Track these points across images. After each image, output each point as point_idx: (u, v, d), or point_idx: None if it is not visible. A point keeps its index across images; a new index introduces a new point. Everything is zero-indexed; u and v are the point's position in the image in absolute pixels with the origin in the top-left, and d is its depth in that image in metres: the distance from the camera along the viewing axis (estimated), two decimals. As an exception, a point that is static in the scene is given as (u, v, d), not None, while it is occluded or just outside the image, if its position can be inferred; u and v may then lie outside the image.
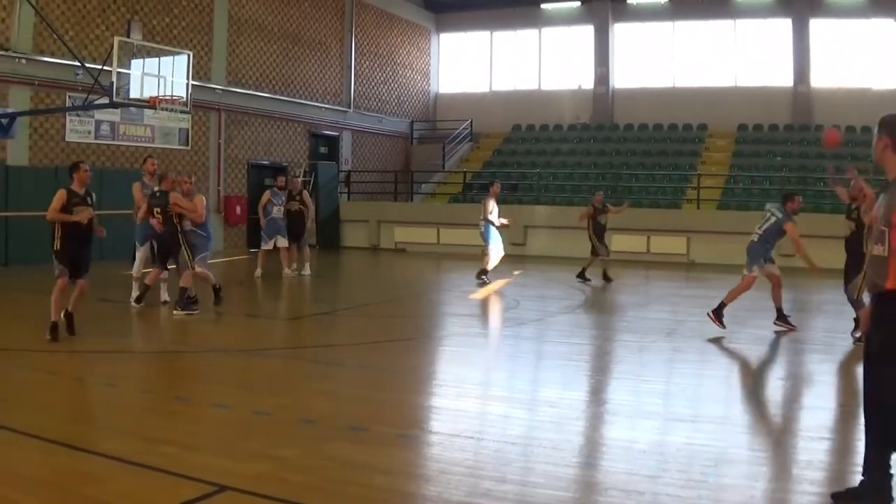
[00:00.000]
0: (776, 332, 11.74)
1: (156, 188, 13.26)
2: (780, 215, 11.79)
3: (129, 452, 5.93)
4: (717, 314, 11.73)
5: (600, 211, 18.68)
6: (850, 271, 10.87)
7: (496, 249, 17.71)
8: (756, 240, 11.92)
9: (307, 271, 18.75)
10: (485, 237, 17.63)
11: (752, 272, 11.88)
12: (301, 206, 18.67)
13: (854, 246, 10.42)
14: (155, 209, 12.86)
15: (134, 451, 5.96)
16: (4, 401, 7.56)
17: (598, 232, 18.58)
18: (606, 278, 18.31)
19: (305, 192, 19.41)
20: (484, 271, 17.65)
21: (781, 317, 12.02)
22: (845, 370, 9.73)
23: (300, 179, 21.89)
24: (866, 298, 5.97)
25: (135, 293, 13.43)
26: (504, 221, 17.78)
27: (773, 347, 11.18)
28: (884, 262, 4.83)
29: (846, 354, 10.42)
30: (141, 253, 13.79)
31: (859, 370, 5.45)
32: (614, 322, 13.53)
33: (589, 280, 18.12)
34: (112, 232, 19.24)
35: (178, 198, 12.81)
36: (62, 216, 10.34)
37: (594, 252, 18.51)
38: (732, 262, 16.08)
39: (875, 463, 4.97)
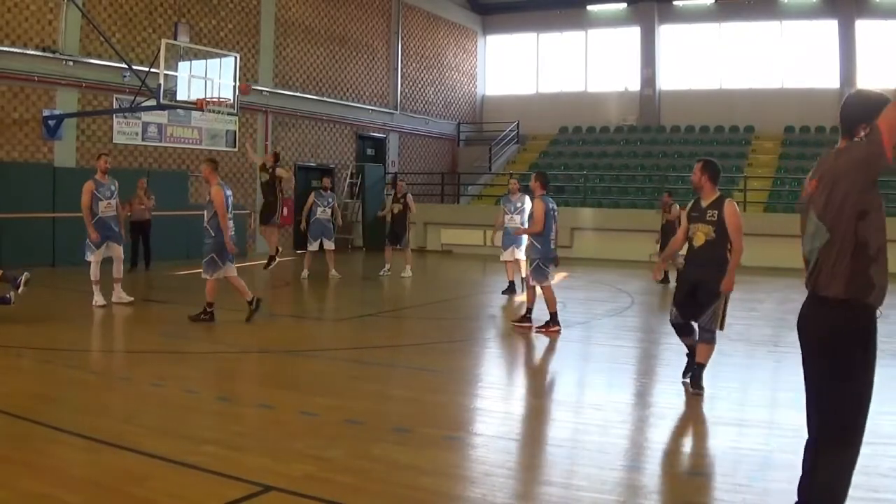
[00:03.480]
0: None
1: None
2: None
3: (174, 452, 5.97)
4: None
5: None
6: None
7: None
8: None
9: (408, 273, 19.08)
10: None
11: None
12: (403, 209, 19.30)
13: None
14: None
15: (179, 451, 6.00)
16: (51, 400, 7.66)
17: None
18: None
19: (409, 195, 19.66)
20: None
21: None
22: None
23: (403, 182, 21.88)
24: None
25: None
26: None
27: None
28: None
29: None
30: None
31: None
32: (660, 325, 13.41)
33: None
34: (159, 232, 19.74)
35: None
36: None
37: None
38: (779, 265, 15.89)
39: None
